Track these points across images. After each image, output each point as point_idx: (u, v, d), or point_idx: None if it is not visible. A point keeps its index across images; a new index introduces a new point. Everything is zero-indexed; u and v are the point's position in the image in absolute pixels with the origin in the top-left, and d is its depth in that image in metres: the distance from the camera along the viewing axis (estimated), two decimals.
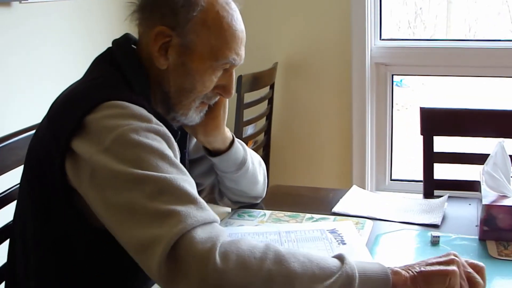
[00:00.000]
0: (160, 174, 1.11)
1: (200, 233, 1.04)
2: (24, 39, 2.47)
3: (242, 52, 1.37)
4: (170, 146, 1.22)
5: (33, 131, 1.51)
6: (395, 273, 1.08)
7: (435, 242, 1.44)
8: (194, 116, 1.39)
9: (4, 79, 2.37)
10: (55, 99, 1.33)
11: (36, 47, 2.53)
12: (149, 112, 1.24)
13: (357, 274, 1.06)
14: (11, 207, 1.45)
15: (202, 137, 1.50)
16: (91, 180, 1.14)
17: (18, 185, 1.37)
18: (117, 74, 1.30)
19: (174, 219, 1.04)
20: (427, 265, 1.11)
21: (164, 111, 1.37)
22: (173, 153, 1.21)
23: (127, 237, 1.09)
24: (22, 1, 2.43)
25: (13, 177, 1.47)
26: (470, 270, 1.11)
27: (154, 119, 1.22)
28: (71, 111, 1.21)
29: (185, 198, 1.10)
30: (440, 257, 1.13)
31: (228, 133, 1.54)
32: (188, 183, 1.14)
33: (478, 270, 1.12)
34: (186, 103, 1.35)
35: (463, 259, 1.13)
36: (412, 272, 1.09)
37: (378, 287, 1.06)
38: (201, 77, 1.32)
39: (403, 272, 1.09)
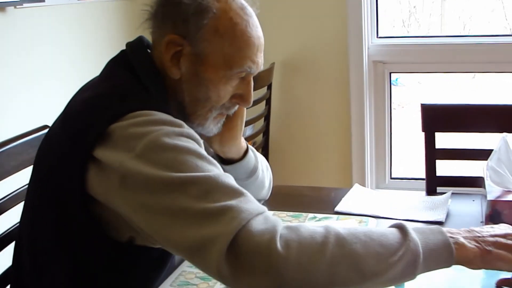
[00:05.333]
0: (202, 173, 1.08)
1: (256, 226, 1.01)
2: (20, 44, 2.45)
3: (260, 59, 1.32)
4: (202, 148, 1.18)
5: (31, 136, 1.50)
6: (459, 246, 1.06)
7: None
8: (211, 127, 1.34)
9: (0, 84, 2.36)
10: (69, 102, 1.29)
11: (32, 53, 2.51)
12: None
13: (421, 250, 1.03)
14: (9, 213, 1.44)
15: (217, 146, 1.45)
16: (121, 186, 1.10)
17: (23, 190, 1.35)
18: (135, 80, 1.26)
19: (227, 216, 1.02)
20: (495, 236, 1.09)
21: None
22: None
23: (178, 239, 1.05)
24: (17, 6, 2.41)
25: (12, 183, 1.46)
26: None
27: (184, 124, 1.18)
28: (94, 119, 1.17)
29: (233, 193, 1.07)
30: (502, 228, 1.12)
31: (243, 142, 1.50)
32: (230, 178, 1.11)
33: None
34: (202, 113, 1.30)
35: None
36: (483, 246, 1.07)
37: (440, 262, 1.05)
38: (215, 87, 1.27)
39: (469, 246, 1.07)
